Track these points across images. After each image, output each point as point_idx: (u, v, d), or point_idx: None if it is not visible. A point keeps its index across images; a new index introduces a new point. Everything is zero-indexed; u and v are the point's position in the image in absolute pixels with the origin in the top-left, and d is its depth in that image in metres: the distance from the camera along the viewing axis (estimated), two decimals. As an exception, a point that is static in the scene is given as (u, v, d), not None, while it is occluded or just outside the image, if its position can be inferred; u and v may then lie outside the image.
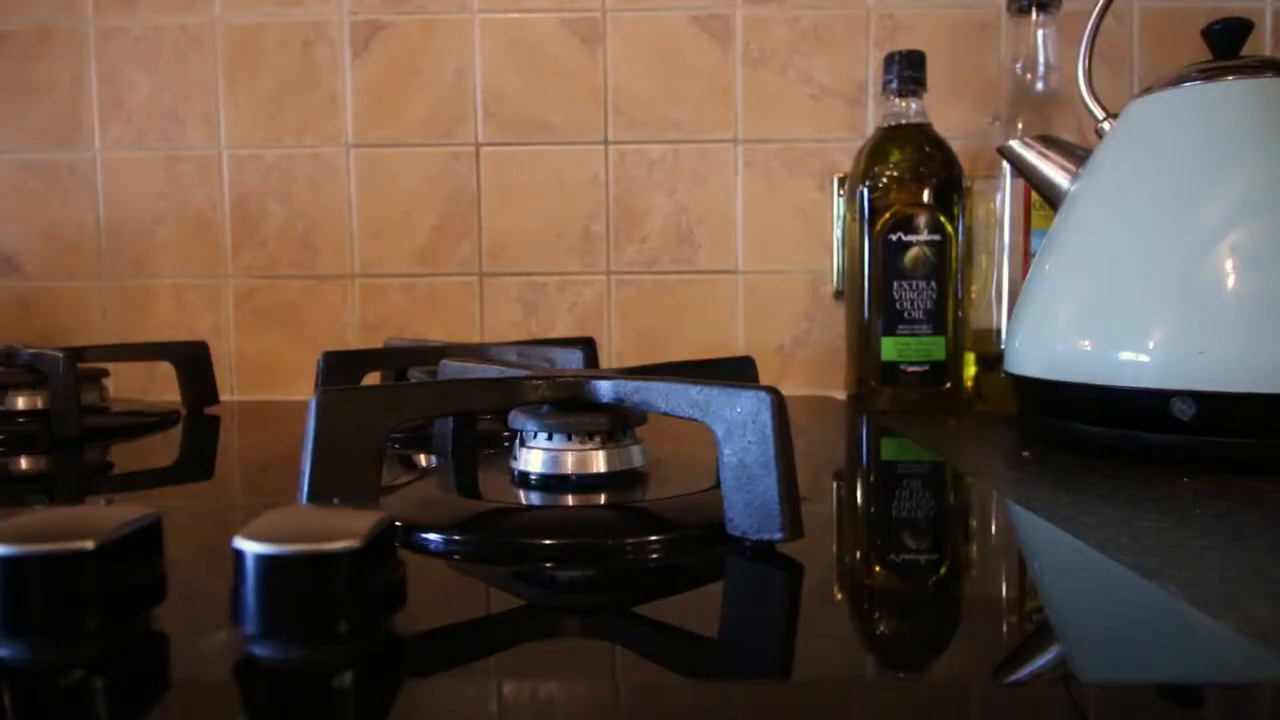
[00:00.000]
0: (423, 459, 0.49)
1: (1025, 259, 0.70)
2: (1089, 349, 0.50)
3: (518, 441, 0.38)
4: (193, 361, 0.72)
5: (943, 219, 0.69)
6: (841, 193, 0.80)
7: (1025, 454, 0.52)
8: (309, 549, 0.19)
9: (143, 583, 0.21)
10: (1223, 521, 0.36)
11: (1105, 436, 0.49)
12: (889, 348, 0.70)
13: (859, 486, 0.45)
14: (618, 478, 0.37)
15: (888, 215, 0.70)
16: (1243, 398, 0.44)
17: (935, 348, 0.70)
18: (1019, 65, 0.74)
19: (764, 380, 0.38)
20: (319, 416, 0.30)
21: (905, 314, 0.70)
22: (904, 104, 0.71)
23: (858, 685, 0.21)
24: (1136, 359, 0.47)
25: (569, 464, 0.36)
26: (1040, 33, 0.72)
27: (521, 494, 0.36)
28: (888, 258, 0.70)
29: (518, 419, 0.37)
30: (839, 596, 0.27)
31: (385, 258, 0.84)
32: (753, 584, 0.28)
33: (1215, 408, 0.45)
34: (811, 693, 0.20)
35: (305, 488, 0.29)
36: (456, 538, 0.31)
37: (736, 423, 0.29)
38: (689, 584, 0.28)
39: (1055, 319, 0.53)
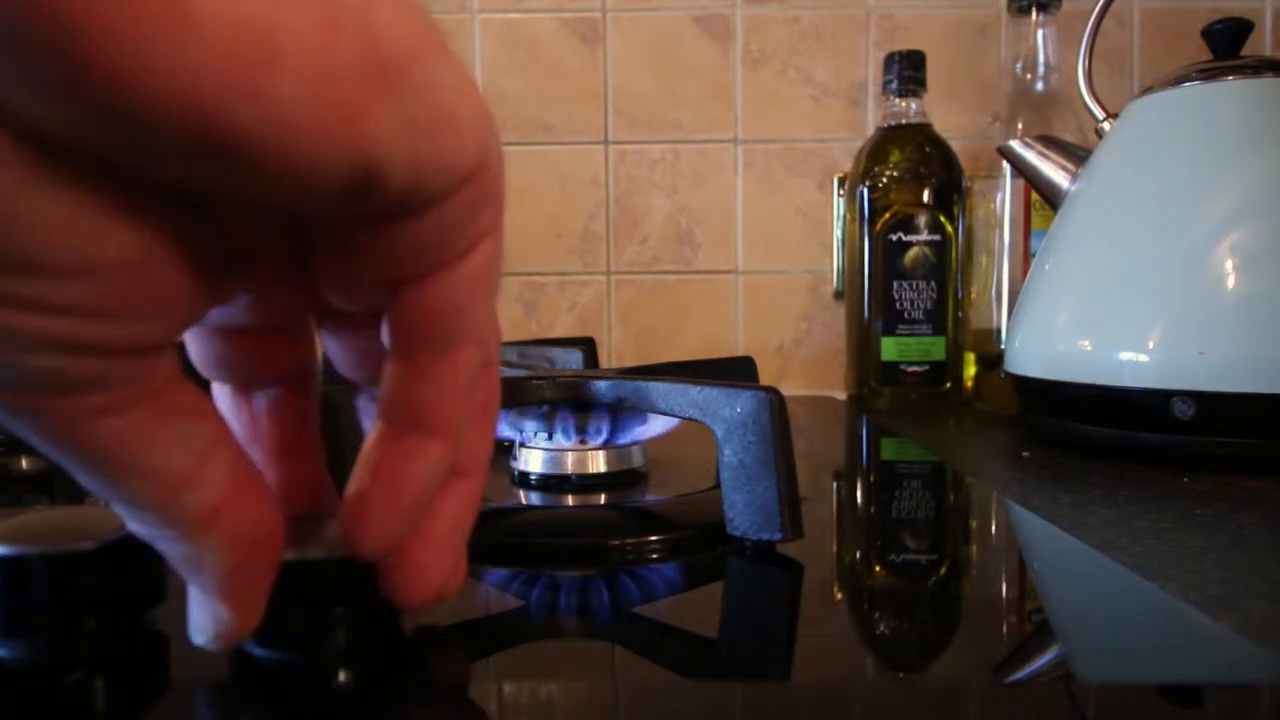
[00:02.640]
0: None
1: (1025, 259, 0.70)
2: (1089, 349, 0.50)
3: (518, 441, 0.38)
4: (193, 361, 0.72)
5: (943, 219, 0.69)
6: (841, 193, 0.80)
7: (1025, 454, 0.52)
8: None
9: (142, 583, 0.21)
10: (1223, 521, 0.36)
11: (1105, 436, 0.49)
12: (889, 348, 0.70)
13: (859, 486, 0.45)
14: (618, 478, 0.37)
15: (888, 215, 0.70)
16: (1243, 398, 0.44)
17: (935, 348, 0.70)
18: (1019, 65, 0.74)
19: (764, 380, 0.38)
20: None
21: (905, 314, 0.70)
22: (904, 104, 0.71)
23: (858, 685, 0.21)
24: (1136, 359, 0.47)
25: (569, 464, 0.36)
26: (1040, 33, 0.72)
27: (521, 494, 0.36)
28: (888, 258, 0.70)
29: (518, 419, 0.37)
30: (839, 596, 0.27)
31: (385, 258, 0.84)
32: (753, 584, 0.28)
33: (1215, 408, 0.45)
34: (811, 693, 0.20)
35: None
36: (456, 538, 0.31)
37: (736, 423, 0.29)
38: (689, 584, 0.28)
39: (1055, 319, 0.53)
